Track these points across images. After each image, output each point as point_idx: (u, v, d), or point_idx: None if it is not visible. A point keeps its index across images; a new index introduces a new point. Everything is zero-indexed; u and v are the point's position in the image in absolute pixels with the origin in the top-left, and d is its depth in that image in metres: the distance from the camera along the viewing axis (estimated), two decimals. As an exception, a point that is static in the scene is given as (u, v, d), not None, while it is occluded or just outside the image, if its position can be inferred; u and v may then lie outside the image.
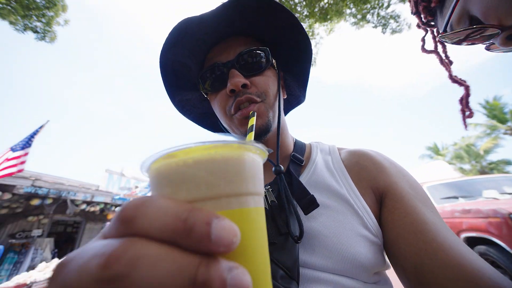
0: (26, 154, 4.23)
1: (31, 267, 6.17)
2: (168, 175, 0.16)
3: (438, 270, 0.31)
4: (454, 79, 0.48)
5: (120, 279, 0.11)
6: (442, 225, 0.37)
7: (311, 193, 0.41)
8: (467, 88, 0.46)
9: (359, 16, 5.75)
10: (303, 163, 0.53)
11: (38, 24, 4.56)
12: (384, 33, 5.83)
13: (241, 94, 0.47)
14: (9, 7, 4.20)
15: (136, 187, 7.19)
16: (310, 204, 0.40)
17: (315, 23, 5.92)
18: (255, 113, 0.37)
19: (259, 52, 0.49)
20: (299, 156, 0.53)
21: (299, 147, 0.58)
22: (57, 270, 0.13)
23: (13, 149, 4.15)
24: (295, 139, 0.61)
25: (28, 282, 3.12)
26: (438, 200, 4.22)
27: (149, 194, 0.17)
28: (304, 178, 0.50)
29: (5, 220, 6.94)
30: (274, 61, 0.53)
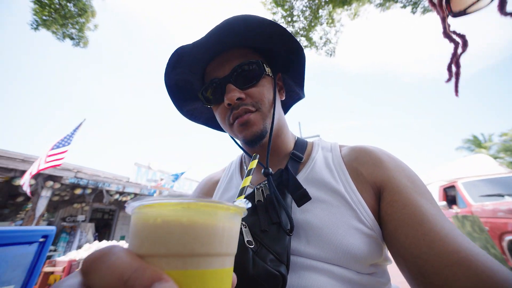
0: (65, 151, 4.83)
1: (79, 247, 7.14)
2: (137, 224, 0.18)
3: (436, 258, 0.32)
4: (447, 34, 0.44)
5: None
6: (440, 216, 0.38)
7: (305, 188, 0.43)
8: (457, 44, 0.41)
9: (385, -4, 5.21)
10: (303, 160, 0.55)
11: (73, 31, 5.03)
12: (414, 13, 5.20)
13: (237, 107, 0.50)
14: (51, 18, 4.70)
15: (162, 179, 7.73)
16: (302, 197, 0.42)
17: (336, 8, 5.54)
18: (258, 156, 0.39)
19: (251, 65, 0.52)
20: (298, 153, 0.56)
21: (300, 145, 0.60)
22: None
23: (56, 146, 4.77)
24: (297, 138, 0.64)
25: (77, 259, 3.64)
26: (476, 197, 3.79)
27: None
28: (302, 175, 0.52)
29: (57, 206, 8.05)
30: (268, 69, 0.55)
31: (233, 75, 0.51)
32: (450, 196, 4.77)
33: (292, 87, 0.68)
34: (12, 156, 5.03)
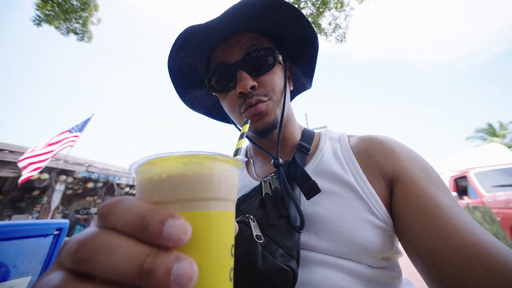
0: (76, 136, 5.17)
1: (93, 238, 7.44)
2: (144, 180, 0.19)
3: (451, 250, 0.31)
4: None
5: (86, 262, 0.14)
6: (456, 207, 0.36)
7: (314, 180, 0.41)
8: None
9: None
10: (310, 151, 0.53)
11: (77, 25, 5.02)
12: None
13: (250, 96, 0.48)
14: (53, 13, 4.69)
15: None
16: (312, 189, 0.40)
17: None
18: (249, 121, 0.38)
19: (265, 51, 0.49)
20: (306, 144, 0.54)
21: (307, 136, 0.58)
22: (61, 246, 0.16)
23: (70, 131, 5.01)
24: (304, 128, 0.62)
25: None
26: (488, 188, 3.68)
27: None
28: (310, 166, 0.50)
29: (71, 199, 8.40)
30: (280, 56, 0.52)
31: (245, 60, 0.48)
32: (461, 187, 4.66)
33: (298, 78, 0.65)
34: (25, 151, 5.22)
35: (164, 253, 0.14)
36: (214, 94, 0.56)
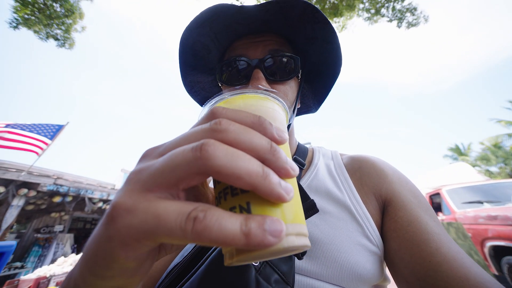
0: (46, 143, 4.67)
1: (53, 261, 6.58)
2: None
3: (442, 282, 0.31)
4: None
5: (222, 132, 0.16)
6: (445, 235, 0.36)
7: (312, 198, 0.40)
8: None
9: (372, 11, 5.49)
10: (304, 167, 0.52)
11: (59, 31, 4.85)
12: (399, 27, 5.50)
13: None
14: (33, 17, 4.51)
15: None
16: (310, 209, 0.38)
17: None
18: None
19: (289, 59, 0.46)
20: (300, 159, 0.52)
21: (302, 150, 0.57)
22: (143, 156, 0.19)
23: (28, 129, 4.52)
24: (298, 143, 0.60)
25: (47, 275, 3.31)
26: (459, 204, 3.91)
27: None
28: (304, 182, 0.49)
29: (32, 215, 7.47)
30: (300, 71, 0.49)
31: (266, 61, 0.45)
32: (436, 203, 4.91)
33: (307, 99, 0.62)
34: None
35: (280, 149, 0.17)
36: (221, 85, 0.52)
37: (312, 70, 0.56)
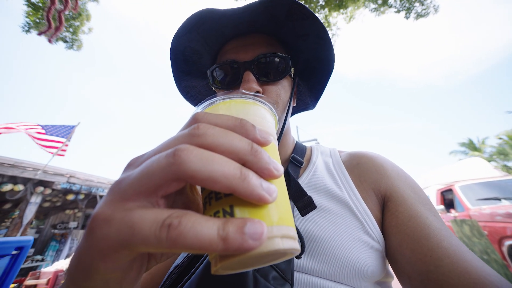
0: (62, 142, 4.99)
1: (68, 255, 6.90)
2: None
3: (444, 277, 0.31)
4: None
5: (200, 136, 0.16)
6: (446, 229, 0.36)
7: (309, 195, 0.40)
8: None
9: (379, 1, 5.28)
10: (303, 165, 0.52)
11: (67, 34, 4.98)
12: (407, 18, 5.27)
13: None
14: (44, 21, 4.65)
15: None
16: (307, 205, 0.38)
17: (332, 12, 5.59)
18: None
19: (279, 59, 0.46)
20: (298, 157, 0.52)
21: (299, 149, 0.57)
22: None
23: (49, 132, 4.96)
24: (296, 141, 0.60)
25: (64, 269, 3.47)
26: (474, 201, 3.76)
27: None
28: (303, 180, 0.49)
29: (48, 212, 7.82)
30: (292, 69, 0.49)
31: (256, 63, 0.45)
32: (448, 200, 4.75)
33: (304, 96, 0.63)
34: (1, 161, 4.88)
35: (262, 150, 0.17)
36: (214, 89, 0.53)
37: (307, 67, 0.55)
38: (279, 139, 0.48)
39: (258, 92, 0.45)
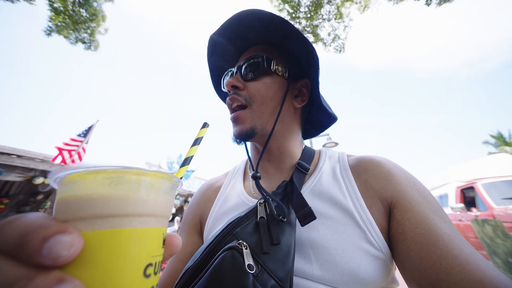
0: (81, 141, 5.39)
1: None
2: (58, 198, 0.18)
3: (455, 286, 0.30)
4: None
5: None
6: (457, 236, 0.35)
7: (312, 203, 0.41)
8: None
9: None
10: (309, 171, 0.53)
11: (85, 35, 5.21)
12: (429, 5, 4.87)
13: (230, 94, 0.52)
14: (64, 24, 4.89)
15: (171, 178, 7.88)
16: (307, 216, 0.39)
17: (345, 1, 5.32)
18: (208, 125, 0.37)
19: (257, 58, 0.52)
20: (305, 164, 0.53)
21: (307, 154, 0.57)
22: None
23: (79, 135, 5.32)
24: (305, 146, 0.61)
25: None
26: (498, 200, 3.54)
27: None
28: (308, 187, 0.49)
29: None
30: (276, 67, 0.52)
31: (242, 66, 0.53)
32: (468, 198, 4.50)
33: (316, 100, 0.58)
34: (33, 156, 5.32)
35: (43, 275, 0.13)
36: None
37: (302, 67, 0.57)
38: (266, 142, 0.50)
39: (236, 86, 0.51)
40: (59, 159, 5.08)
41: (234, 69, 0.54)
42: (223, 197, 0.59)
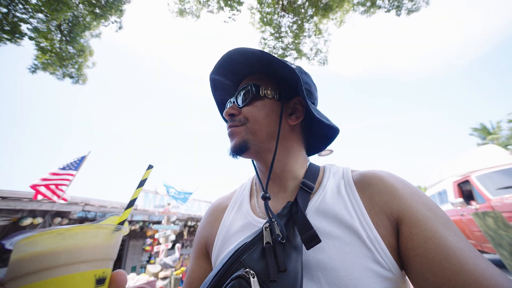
0: (72, 174, 5.13)
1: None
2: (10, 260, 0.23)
3: None
4: None
5: None
6: (470, 250, 0.34)
7: (317, 223, 0.42)
8: None
9: (368, 4, 5.36)
10: (314, 189, 0.52)
11: (72, 70, 5.27)
12: (399, 15, 5.31)
13: (229, 121, 0.58)
14: (50, 61, 4.95)
15: (169, 204, 7.62)
16: (311, 239, 0.38)
17: (322, 19, 5.71)
18: (152, 167, 0.38)
19: (247, 87, 0.57)
20: (309, 183, 0.52)
21: (312, 172, 0.57)
22: None
23: (62, 168, 5.11)
24: (310, 163, 0.60)
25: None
26: (494, 191, 3.59)
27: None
28: (312, 206, 0.48)
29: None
30: (267, 91, 0.56)
31: (236, 95, 0.58)
32: (466, 191, 4.55)
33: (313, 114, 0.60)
34: (20, 196, 5.07)
35: None
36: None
37: (291, 87, 0.58)
38: (272, 161, 0.51)
39: (233, 114, 0.56)
40: (40, 196, 4.85)
41: (233, 99, 0.59)
42: (230, 218, 0.59)
